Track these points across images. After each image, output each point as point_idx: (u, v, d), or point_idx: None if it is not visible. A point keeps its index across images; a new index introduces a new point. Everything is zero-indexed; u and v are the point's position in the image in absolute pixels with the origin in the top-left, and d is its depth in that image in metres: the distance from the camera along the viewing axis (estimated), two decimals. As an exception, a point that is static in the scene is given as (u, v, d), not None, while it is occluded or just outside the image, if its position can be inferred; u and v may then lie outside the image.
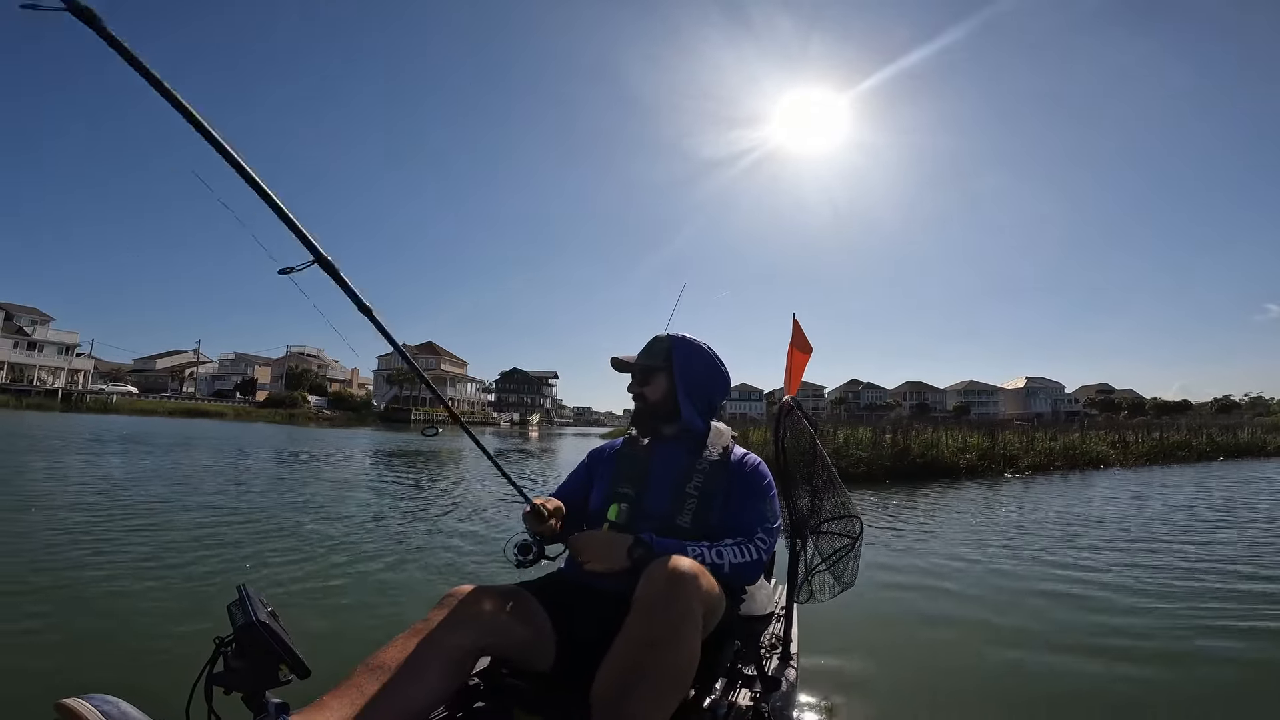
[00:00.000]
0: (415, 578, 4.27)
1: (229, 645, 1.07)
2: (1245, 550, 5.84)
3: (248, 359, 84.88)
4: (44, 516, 5.68)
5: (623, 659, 1.27)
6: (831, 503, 2.31)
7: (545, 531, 1.73)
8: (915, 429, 15.93)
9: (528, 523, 1.74)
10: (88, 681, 2.50)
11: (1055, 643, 3.49)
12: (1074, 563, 5.32)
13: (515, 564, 1.73)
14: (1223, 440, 21.06)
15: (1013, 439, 16.03)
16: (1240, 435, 22.34)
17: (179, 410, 50.17)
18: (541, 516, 1.71)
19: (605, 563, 1.53)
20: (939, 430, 16.26)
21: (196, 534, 5.23)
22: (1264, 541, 6.31)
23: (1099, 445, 17.52)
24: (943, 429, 16.76)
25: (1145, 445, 18.83)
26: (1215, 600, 4.23)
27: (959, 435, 15.59)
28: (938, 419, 35.66)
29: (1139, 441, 19.17)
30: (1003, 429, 17.65)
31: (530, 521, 1.73)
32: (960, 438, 15.29)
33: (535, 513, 1.72)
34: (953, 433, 15.91)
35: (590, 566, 1.54)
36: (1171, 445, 19.30)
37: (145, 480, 8.61)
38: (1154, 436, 20.13)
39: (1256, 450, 21.08)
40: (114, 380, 67.05)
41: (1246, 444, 21.40)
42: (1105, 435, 19.30)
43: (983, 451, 14.57)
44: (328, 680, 1.20)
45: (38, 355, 56.59)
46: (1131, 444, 18.72)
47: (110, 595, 3.62)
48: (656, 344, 1.91)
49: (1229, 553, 5.72)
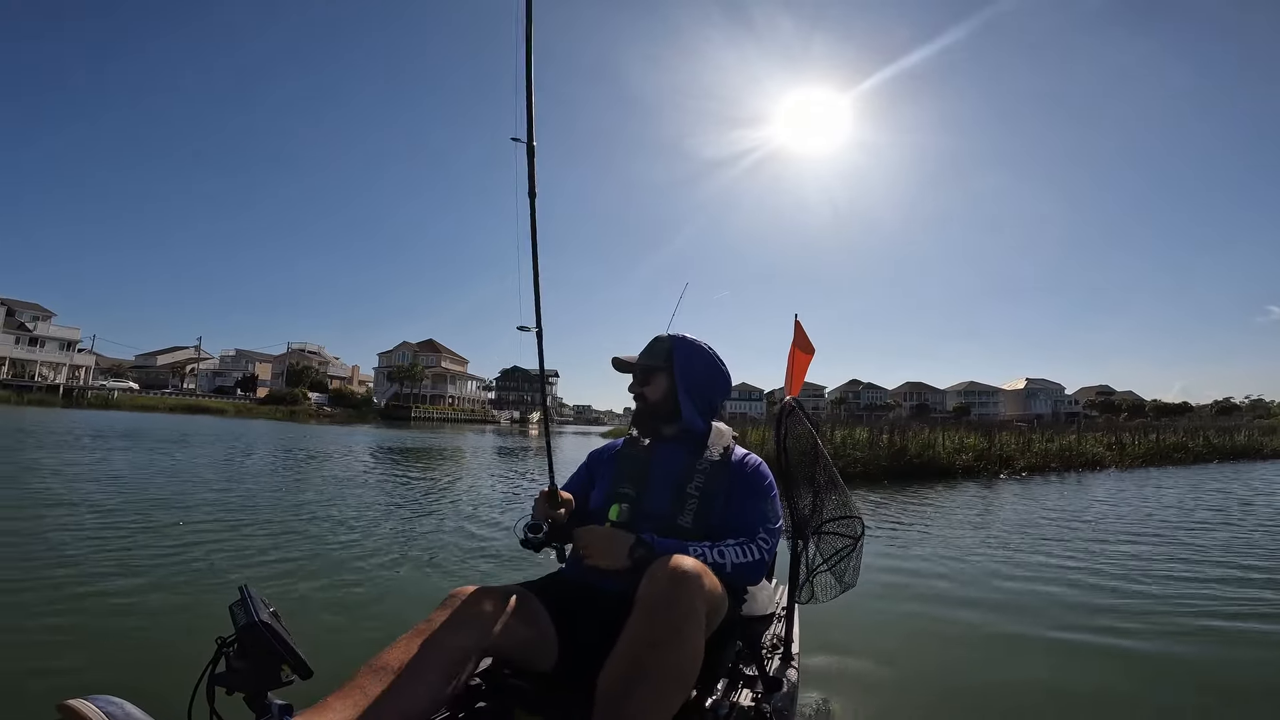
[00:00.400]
0: (417, 578, 4.27)
1: (231, 645, 1.07)
2: (1243, 549, 5.84)
3: (249, 355, 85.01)
4: (43, 515, 5.68)
5: (625, 658, 1.27)
6: (833, 503, 2.32)
7: (554, 517, 1.74)
8: (912, 429, 15.98)
9: (539, 505, 1.76)
10: (89, 681, 2.51)
11: (1055, 642, 3.49)
12: (1074, 562, 5.32)
13: (522, 541, 1.76)
14: (1219, 442, 21.15)
15: (1009, 440, 16.07)
16: (1237, 437, 22.43)
17: (180, 406, 50.24)
18: (555, 500, 1.74)
19: (607, 559, 1.53)
20: (936, 431, 16.29)
21: (197, 533, 5.23)
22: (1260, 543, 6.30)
23: (1095, 447, 17.59)
24: (940, 430, 16.79)
25: (1142, 447, 18.91)
26: (1214, 600, 4.23)
27: (955, 436, 15.61)
28: (938, 419, 35.77)
29: (1135, 443, 19.25)
30: (999, 430, 17.71)
31: (541, 504, 1.75)
32: (957, 438, 15.31)
33: (550, 495, 1.75)
34: (949, 433, 15.93)
35: (591, 561, 1.55)
36: (1168, 447, 19.38)
37: (145, 478, 8.61)
38: (1151, 438, 20.21)
39: (1253, 452, 21.16)
40: (115, 376, 67.14)
41: (1243, 446, 21.48)
42: (1102, 437, 19.37)
43: (979, 452, 14.61)
44: (330, 681, 1.20)
45: (39, 351, 56.61)
46: (1128, 446, 18.80)
47: (110, 594, 3.61)
48: (657, 344, 1.92)
49: (1227, 554, 5.72)
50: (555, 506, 1.74)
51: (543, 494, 1.77)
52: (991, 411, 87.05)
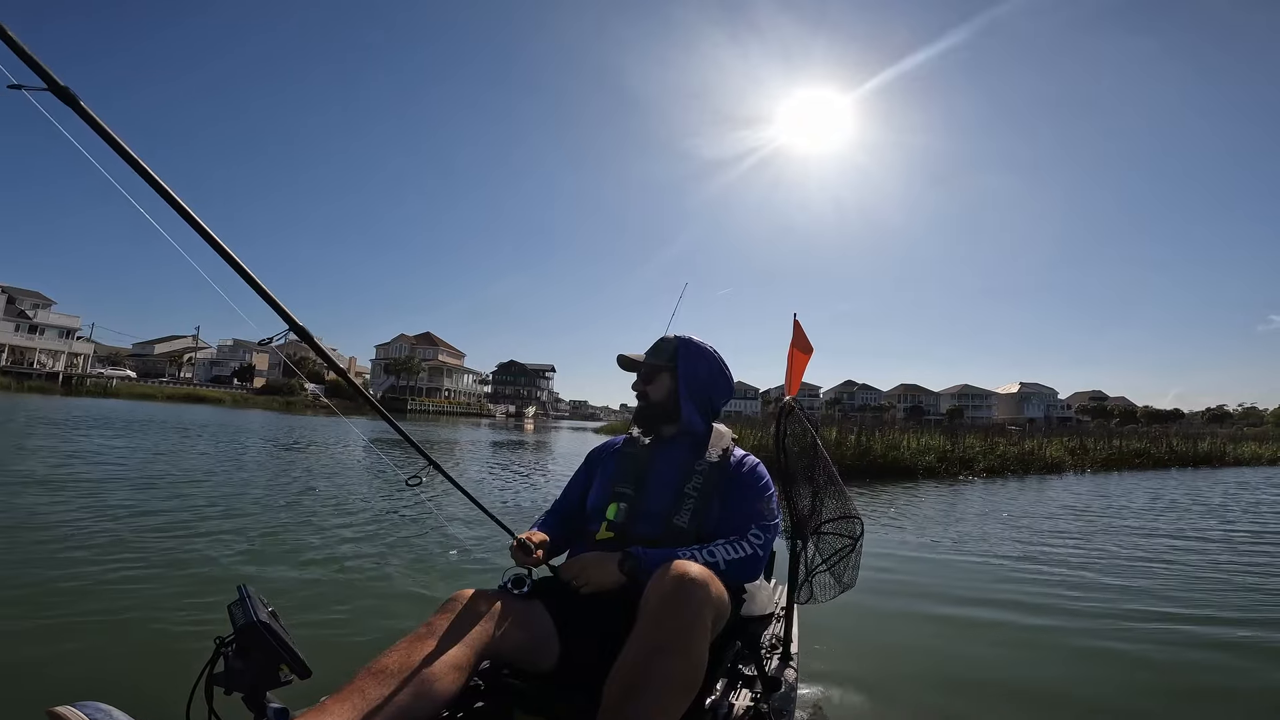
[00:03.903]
0: (417, 581, 4.22)
1: (229, 645, 1.07)
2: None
3: (246, 345, 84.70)
4: (37, 510, 5.62)
5: (631, 665, 1.27)
6: (832, 503, 2.32)
7: (531, 564, 1.73)
8: (880, 430, 16.73)
9: (515, 557, 1.75)
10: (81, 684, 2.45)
11: (1055, 641, 3.51)
12: (1075, 563, 5.35)
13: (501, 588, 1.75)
14: (1182, 449, 21.52)
15: (974, 443, 16.56)
16: (1200, 445, 22.81)
17: (177, 395, 50.01)
18: (527, 550, 1.72)
19: (599, 580, 1.54)
20: (902, 432, 16.97)
21: (196, 531, 5.14)
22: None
23: (1055, 451, 18.00)
24: (903, 432, 17.42)
25: (1102, 452, 19.22)
26: (1217, 601, 4.26)
27: (920, 439, 16.10)
28: (931, 421, 35.95)
29: (1097, 448, 19.57)
30: (967, 433, 18.22)
31: (518, 555, 1.74)
32: (923, 441, 15.78)
33: (521, 546, 1.73)
34: (913, 436, 16.47)
35: (588, 589, 1.55)
36: (1129, 453, 19.70)
37: (143, 474, 8.54)
38: (1114, 444, 20.54)
39: (1215, 459, 21.47)
40: (112, 364, 66.86)
41: (1205, 453, 21.83)
42: (1066, 441, 19.83)
43: (941, 454, 14.97)
44: (328, 682, 1.19)
45: (38, 338, 56.41)
46: (1091, 450, 19.15)
47: (108, 594, 3.55)
48: (663, 344, 1.95)
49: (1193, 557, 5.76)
50: (528, 554, 1.72)
51: (514, 547, 1.75)
52: (985, 415, 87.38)
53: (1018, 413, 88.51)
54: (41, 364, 54.45)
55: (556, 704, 1.43)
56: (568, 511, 1.96)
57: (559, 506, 1.99)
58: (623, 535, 1.71)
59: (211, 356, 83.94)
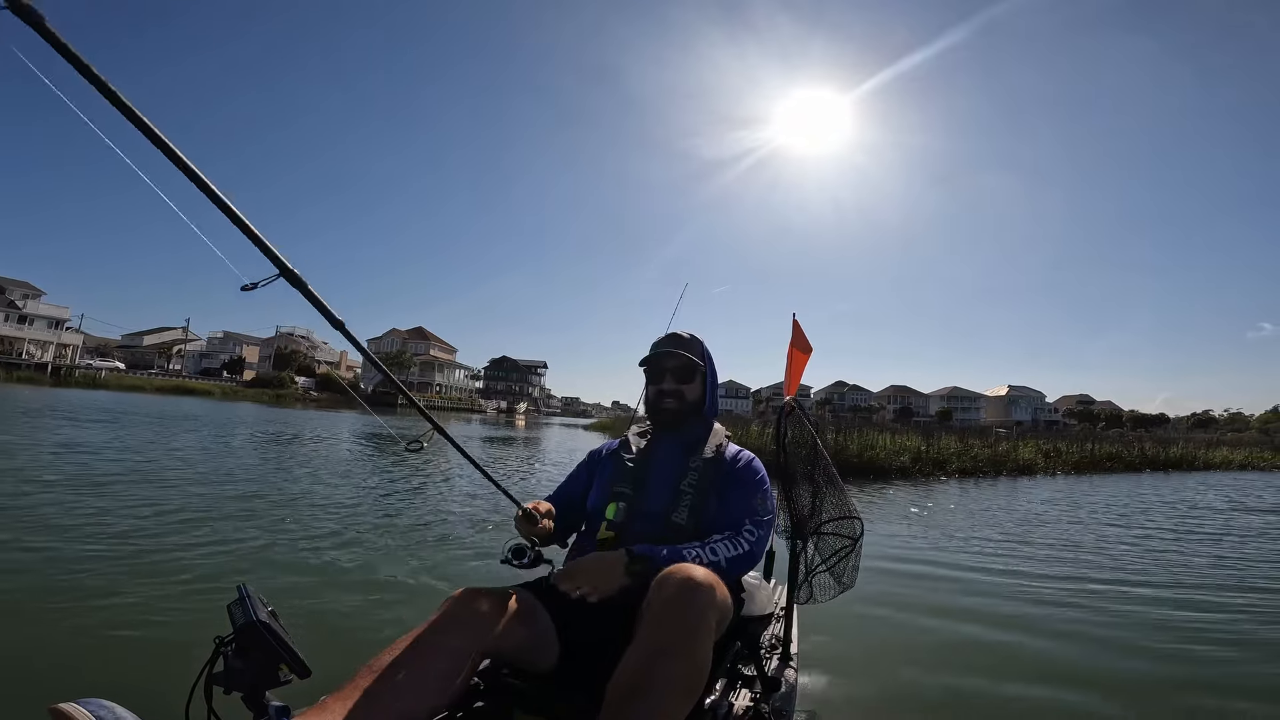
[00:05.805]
0: (417, 579, 4.19)
1: (229, 645, 1.06)
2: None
3: (236, 338, 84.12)
4: (36, 508, 5.53)
5: (634, 667, 1.25)
6: (832, 504, 2.31)
7: (539, 533, 1.73)
8: (858, 431, 16.99)
9: (520, 527, 1.74)
10: (81, 683, 2.43)
11: (1054, 641, 3.54)
12: (1075, 560, 5.41)
13: (503, 562, 1.74)
14: (1154, 453, 21.88)
15: (948, 444, 16.79)
16: (1172, 449, 23.27)
17: (166, 387, 49.56)
18: (533, 519, 1.71)
19: (604, 585, 1.46)
20: (878, 433, 17.27)
21: (194, 531, 5.06)
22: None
23: (1028, 453, 18.23)
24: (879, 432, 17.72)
25: (1075, 455, 19.47)
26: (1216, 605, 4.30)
27: (896, 439, 16.32)
28: (920, 423, 36.22)
29: (1069, 451, 19.85)
30: (941, 434, 18.48)
31: (523, 525, 1.73)
32: (898, 441, 15.97)
33: (527, 516, 1.72)
34: (889, 436, 16.73)
35: (593, 597, 1.45)
36: (1101, 456, 19.96)
37: (140, 472, 8.40)
38: (1086, 447, 20.81)
39: (1186, 464, 21.84)
40: (101, 356, 66.22)
41: (1177, 457, 22.21)
42: (1040, 444, 20.14)
43: (915, 454, 15.13)
44: (328, 681, 1.18)
45: (27, 329, 55.90)
46: (1064, 453, 19.43)
47: (106, 593, 3.49)
48: (693, 343, 1.93)
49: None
50: (534, 524, 1.71)
51: (519, 516, 1.74)
52: (974, 417, 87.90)
53: (1006, 415, 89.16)
54: (30, 354, 53.91)
55: (556, 704, 1.42)
56: (568, 502, 1.94)
57: (559, 496, 1.96)
58: (622, 535, 1.70)
59: (201, 349, 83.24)
